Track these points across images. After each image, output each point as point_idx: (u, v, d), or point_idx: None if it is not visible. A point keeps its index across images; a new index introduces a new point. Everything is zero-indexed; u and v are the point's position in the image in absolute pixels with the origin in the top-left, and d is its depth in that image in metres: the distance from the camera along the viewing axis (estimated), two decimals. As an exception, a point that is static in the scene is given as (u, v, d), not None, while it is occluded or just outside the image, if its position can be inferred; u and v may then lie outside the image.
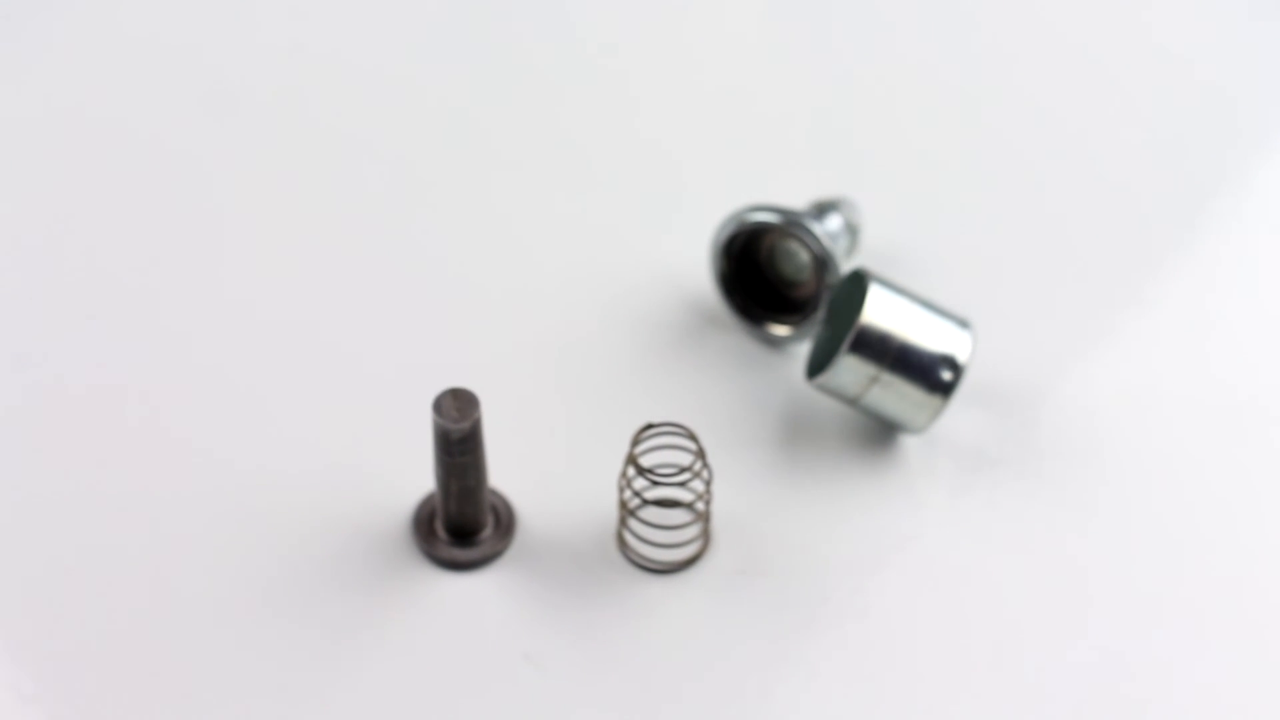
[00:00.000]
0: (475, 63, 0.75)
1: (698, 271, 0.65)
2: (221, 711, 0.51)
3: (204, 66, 0.74)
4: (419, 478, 0.56)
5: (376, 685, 0.52)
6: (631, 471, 0.54)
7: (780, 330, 0.63)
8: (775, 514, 0.57)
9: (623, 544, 0.56)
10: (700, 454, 0.54)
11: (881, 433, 0.60)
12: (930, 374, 0.56)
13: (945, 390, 0.57)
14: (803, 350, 0.63)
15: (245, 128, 0.71)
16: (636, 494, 0.54)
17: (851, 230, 0.65)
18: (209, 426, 0.59)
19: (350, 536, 0.56)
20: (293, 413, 0.60)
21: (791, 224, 0.61)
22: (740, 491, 0.57)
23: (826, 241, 0.61)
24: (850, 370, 0.56)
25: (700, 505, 0.55)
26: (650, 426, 0.54)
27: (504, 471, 0.57)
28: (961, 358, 0.57)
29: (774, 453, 0.59)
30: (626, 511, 0.55)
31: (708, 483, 0.54)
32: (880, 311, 0.56)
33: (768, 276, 0.64)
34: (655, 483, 0.54)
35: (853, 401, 0.57)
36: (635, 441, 0.54)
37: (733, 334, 0.64)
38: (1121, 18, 0.80)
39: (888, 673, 0.53)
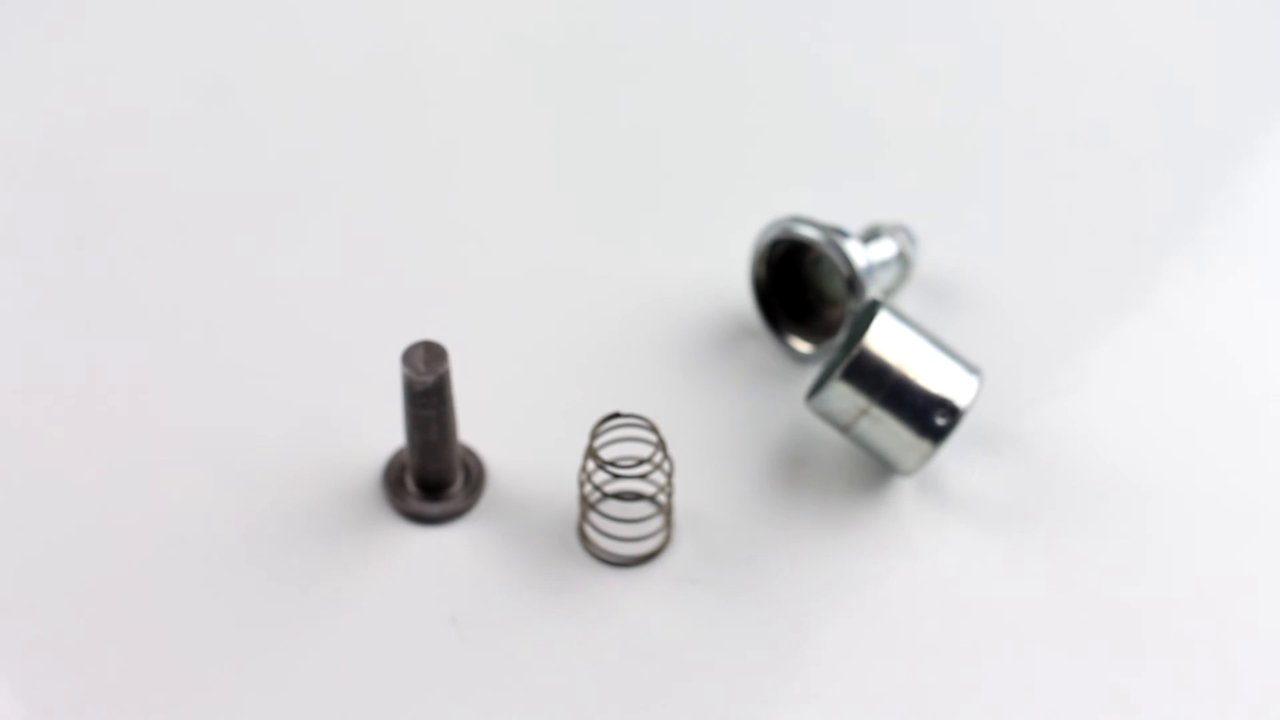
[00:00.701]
0: (521, 62, 0.75)
1: (741, 279, 0.64)
2: (191, 660, 0.53)
3: (197, 38, 0.75)
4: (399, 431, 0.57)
5: (336, 634, 0.53)
6: (591, 464, 0.54)
7: (802, 346, 0.62)
8: (750, 529, 0.56)
9: (583, 537, 0.55)
10: (661, 445, 0.53)
11: (879, 468, 0.58)
12: (923, 416, 0.54)
13: (936, 435, 0.55)
14: (826, 371, 0.62)
15: (249, 102, 0.72)
16: (596, 487, 0.54)
17: (904, 260, 0.63)
18: (187, 379, 0.61)
19: (326, 487, 0.57)
20: (282, 366, 0.61)
21: (829, 241, 0.59)
22: (720, 500, 0.57)
23: (859, 264, 0.59)
24: (841, 398, 0.55)
25: (661, 498, 0.55)
26: (611, 417, 0.53)
27: (492, 435, 0.58)
28: (961, 403, 0.55)
29: (766, 468, 0.58)
30: (586, 505, 0.54)
31: (669, 475, 0.54)
32: (882, 343, 0.55)
33: (809, 291, 0.63)
34: (615, 475, 0.53)
35: (844, 430, 0.56)
36: (594, 434, 0.53)
37: (763, 346, 0.63)
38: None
39: (805, 705, 0.52)
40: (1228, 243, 0.67)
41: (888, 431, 0.55)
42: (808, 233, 0.60)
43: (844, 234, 0.60)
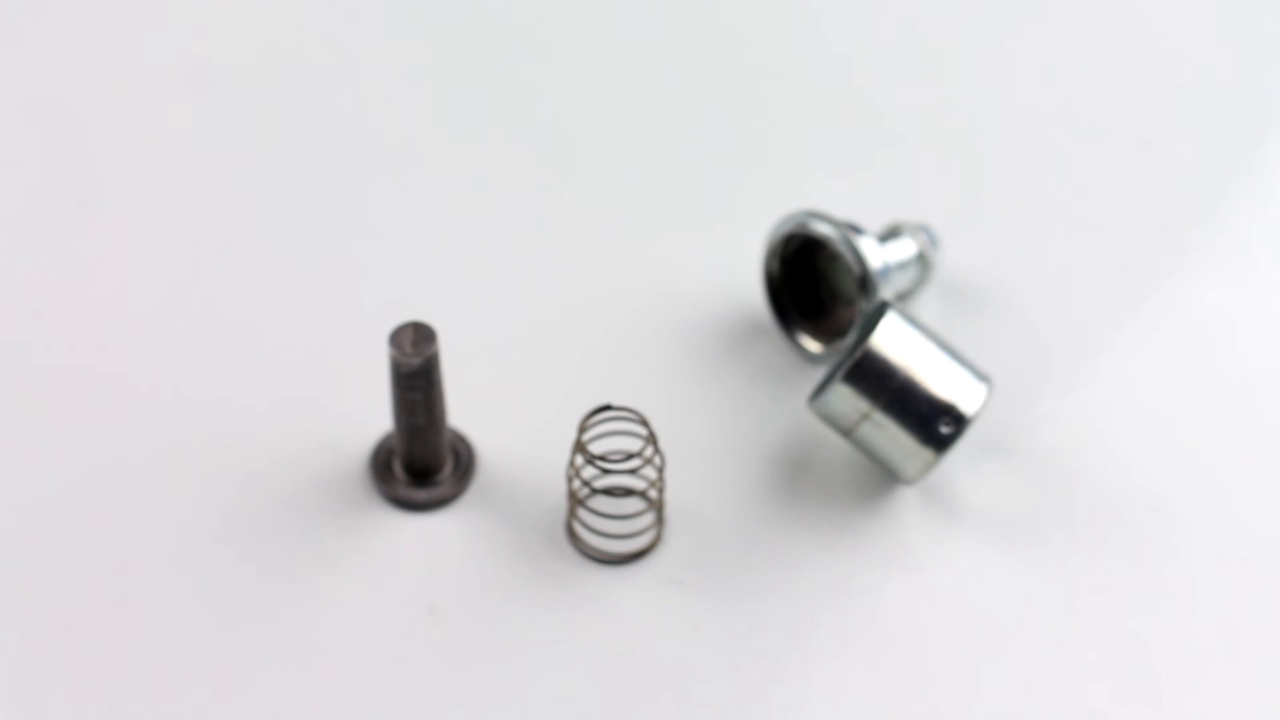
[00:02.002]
0: (532, 58, 0.74)
1: (754, 274, 0.63)
2: (169, 643, 0.52)
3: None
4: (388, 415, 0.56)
5: (317, 620, 0.53)
6: (579, 459, 0.52)
7: (812, 345, 0.61)
8: (745, 531, 0.55)
9: (571, 533, 0.54)
10: (651, 439, 0.52)
11: (883, 475, 0.57)
12: (927, 423, 0.53)
13: (939, 443, 0.53)
14: (835, 371, 0.60)
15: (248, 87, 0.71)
16: (585, 482, 0.53)
17: (924, 262, 0.61)
18: (171, 358, 0.60)
19: (313, 471, 0.56)
20: (269, 345, 0.61)
21: (843, 238, 0.58)
22: (716, 499, 0.56)
23: (873, 263, 0.58)
24: (842, 401, 0.53)
25: (651, 494, 0.54)
26: (600, 410, 0.52)
27: (485, 422, 0.57)
28: (967, 411, 0.53)
29: (766, 469, 0.57)
30: (574, 500, 0.53)
31: (659, 470, 0.53)
32: (888, 346, 0.53)
33: (823, 288, 0.62)
34: (604, 470, 0.52)
35: (845, 434, 0.55)
36: (583, 427, 0.52)
37: (772, 344, 0.62)
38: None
39: (787, 713, 0.51)
40: (1255, 254, 0.66)
41: (890, 438, 0.53)
42: (822, 228, 0.58)
43: (860, 231, 0.58)
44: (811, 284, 0.62)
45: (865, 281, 0.58)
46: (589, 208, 0.67)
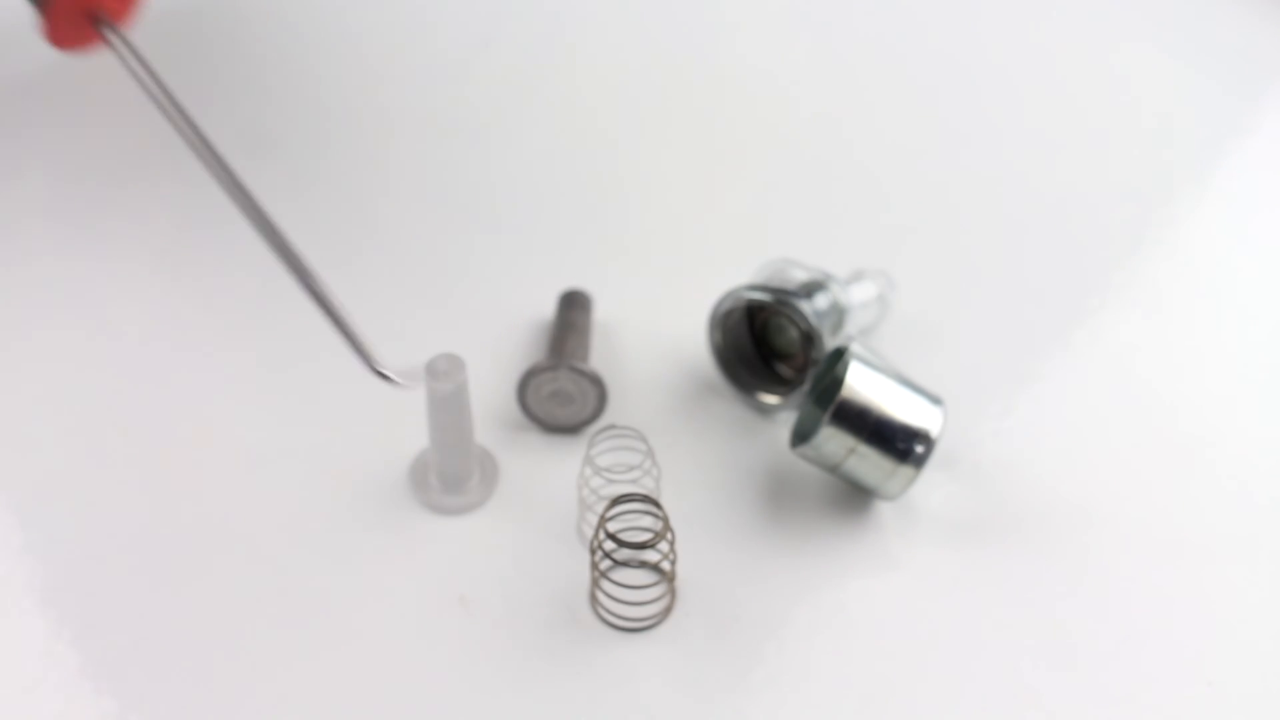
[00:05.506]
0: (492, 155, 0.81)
1: (699, 343, 0.70)
2: (240, 622, 0.58)
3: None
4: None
5: (368, 604, 0.59)
6: (602, 534, 0.57)
7: (770, 399, 0.67)
8: (747, 572, 0.60)
9: (595, 603, 0.58)
10: (665, 521, 0.57)
11: (858, 497, 0.63)
12: (904, 446, 0.60)
13: (917, 462, 0.60)
14: (790, 418, 0.67)
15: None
16: (607, 554, 0.58)
17: (883, 301, 0.69)
18: (254, 412, 0.67)
19: (365, 485, 0.63)
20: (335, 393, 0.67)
21: (781, 302, 0.65)
22: (717, 551, 0.61)
23: (813, 319, 0.65)
24: (830, 441, 0.60)
25: (665, 565, 0.59)
26: (619, 500, 0.57)
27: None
28: (933, 432, 0.60)
29: (756, 514, 0.62)
30: (598, 573, 0.58)
31: (671, 543, 0.57)
32: (859, 388, 0.60)
33: (763, 349, 0.68)
34: (622, 544, 0.56)
35: (832, 469, 0.61)
36: (602, 521, 0.57)
37: (727, 401, 0.68)
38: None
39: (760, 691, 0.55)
40: (1165, 296, 0.75)
41: (874, 465, 0.60)
42: (759, 297, 0.65)
43: (789, 294, 0.65)
44: (752, 347, 0.68)
45: (811, 338, 0.65)
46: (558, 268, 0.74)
